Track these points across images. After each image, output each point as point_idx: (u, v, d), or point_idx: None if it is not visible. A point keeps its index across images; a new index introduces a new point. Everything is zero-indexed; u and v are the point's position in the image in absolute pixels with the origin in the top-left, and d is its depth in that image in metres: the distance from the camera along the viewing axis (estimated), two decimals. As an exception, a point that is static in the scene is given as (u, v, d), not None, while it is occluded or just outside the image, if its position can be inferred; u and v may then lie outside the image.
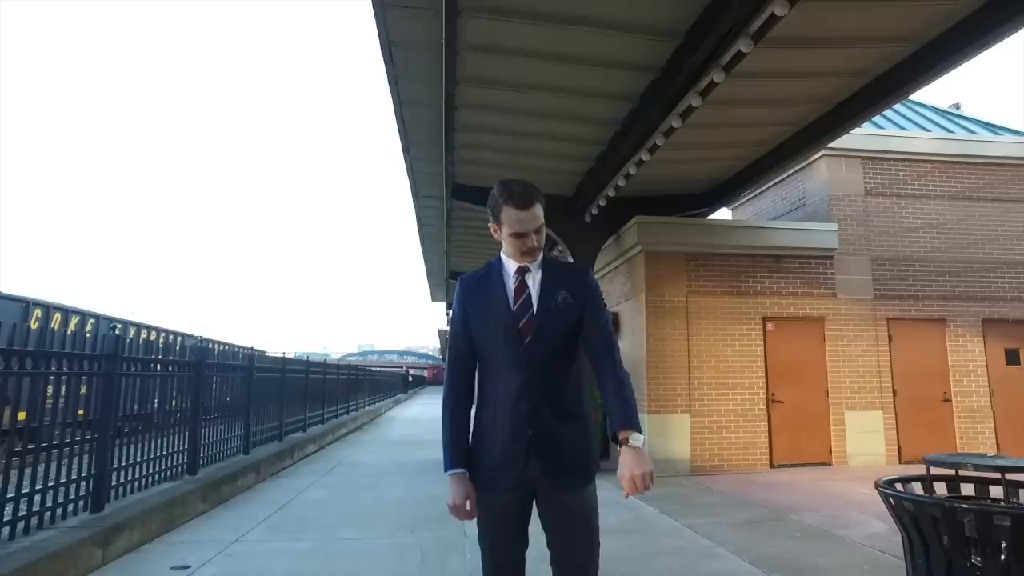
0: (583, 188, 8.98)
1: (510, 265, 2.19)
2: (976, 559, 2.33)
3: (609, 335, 2.19)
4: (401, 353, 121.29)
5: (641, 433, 2.02)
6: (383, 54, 6.03)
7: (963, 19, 5.09)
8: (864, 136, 9.83)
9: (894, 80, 5.94)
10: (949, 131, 10.81)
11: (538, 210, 2.14)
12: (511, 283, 2.17)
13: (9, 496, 3.88)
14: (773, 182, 10.57)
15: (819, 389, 9.24)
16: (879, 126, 10.51)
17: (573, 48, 5.56)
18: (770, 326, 9.14)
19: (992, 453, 7.57)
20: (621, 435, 2.00)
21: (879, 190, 9.94)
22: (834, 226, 9.53)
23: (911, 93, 6.90)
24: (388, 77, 6.49)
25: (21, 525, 3.98)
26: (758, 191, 11.19)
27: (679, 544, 5.02)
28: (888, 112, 10.65)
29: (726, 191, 9.09)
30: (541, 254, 2.19)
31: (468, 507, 2.10)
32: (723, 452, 8.69)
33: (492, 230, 2.22)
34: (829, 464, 9.04)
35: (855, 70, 5.94)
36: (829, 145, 8.52)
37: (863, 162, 9.95)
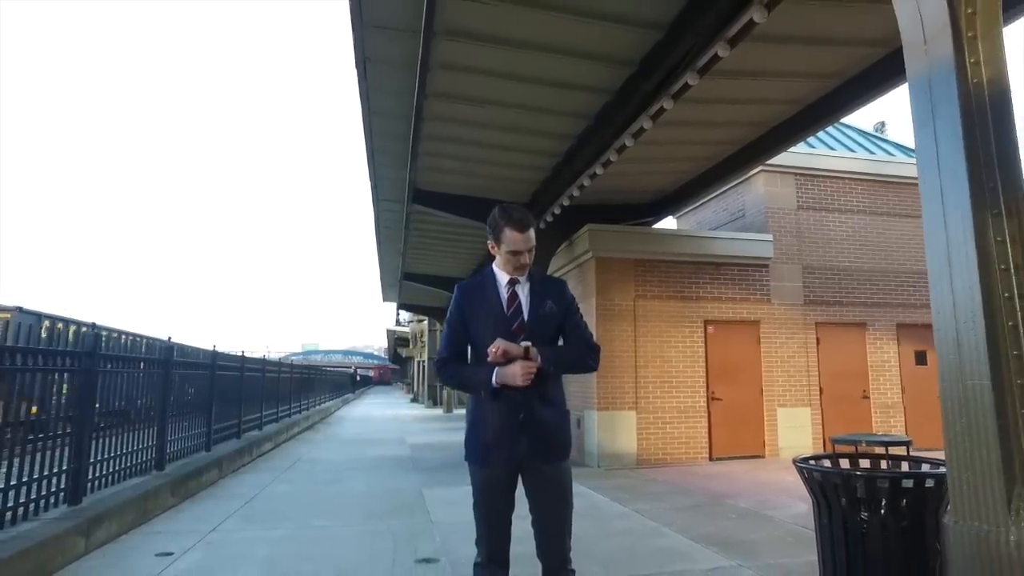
0: (538, 196, 9.45)
1: (502, 277, 2.65)
2: (864, 515, 2.92)
3: (588, 336, 2.71)
4: (346, 353, 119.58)
5: (540, 357, 2.48)
6: (357, 69, 6.33)
7: (881, 59, 5.81)
8: (798, 154, 10.67)
9: (823, 108, 6.66)
10: (872, 152, 11.82)
11: (532, 234, 2.62)
12: (504, 292, 2.63)
13: None
14: (715, 194, 11.31)
15: (754, 387, 10.00)
16: (811, 145, 11.40)
17: (535, 70, 6.01)
18: (710, 329, 9.85)
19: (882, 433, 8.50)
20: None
21: (810, 204, 10.81)
22: (769, 237, 10.33)
23: (838, 120, 7.70)
24: (360, 90, 6.79)
25: (8, 516, 4.15)
26: (701, 203, 11.93)
27: (628, 526, 5.55)
28: (820, 133, 11.56)
29: (672, 202, 9.75)
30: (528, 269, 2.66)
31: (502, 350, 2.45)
32: (667, 446, 9.33)
33: (490, 247, 2.67)
34: (763, 456, 9.79)
35: (789, 99, 6.63)
36: (766, 162, 9.29)
37: (796, 178, 10.81)
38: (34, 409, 4.83)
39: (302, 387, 18.81)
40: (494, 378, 2.47)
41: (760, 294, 10.21)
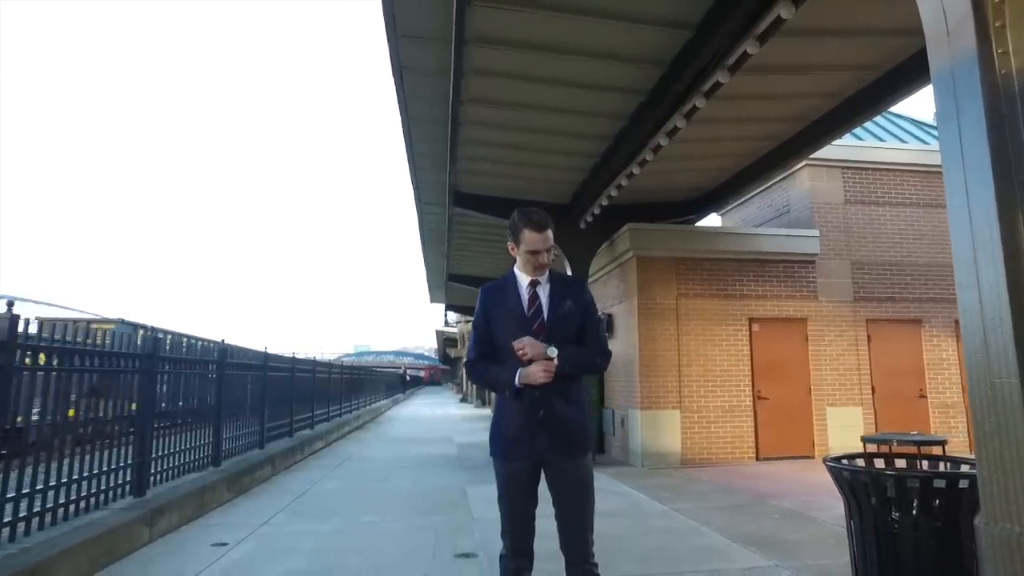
0: (578, 197, 9.50)
1: (523, 279, 2.75)
2: (895, 515, 2.89)
3: (602, 340, 2.83)
4: (397, 353, 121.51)
5: (557, 356, 2.56)
6: (394, 77, 6.54)
7: (921, 49, 5.64)
8: (844, 147, 10.38)
9: (864, 101, 6.50)
10: (925, 142, 11.39)
11: (550, 233, 2.72)
12: (525, 293, 2.73)
13: (73, 479, 4.38)
14: (758, 190, 11.12)
15: (802, 386, 9.79)
16: (859, 137, 11.08)
17: (567, 73, 6.08)
18: (755, 327, 9.69)
19: (916, 432, 8.17)
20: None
21: (858, 198, 10.50)
22: (816, 232, 10.09)
23: (881, 112, 7.49)
24: (398, 98, 7.00)
25: (83, 504, 4.49)
26: (744, 199, 11.74)
27: (667, 525, 5.56)
28: (868, 124, 11.21)
29: (713, 199, 9.65)
30: (548, 270, 2.76)
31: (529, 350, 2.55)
32: (711, 446, 9.24)
33: (510, 248, 2.78)
34: (812, 456, 9.58)
35: (826, 93, 6.51)
36: (810, 156, 9.09)
37: (843, 172, 10.52)
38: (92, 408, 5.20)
39: (352, 387, 19.32)
40: (517, 378, 2.57)
41: (807, 291, 9.98)
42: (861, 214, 10.47)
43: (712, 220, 11.93)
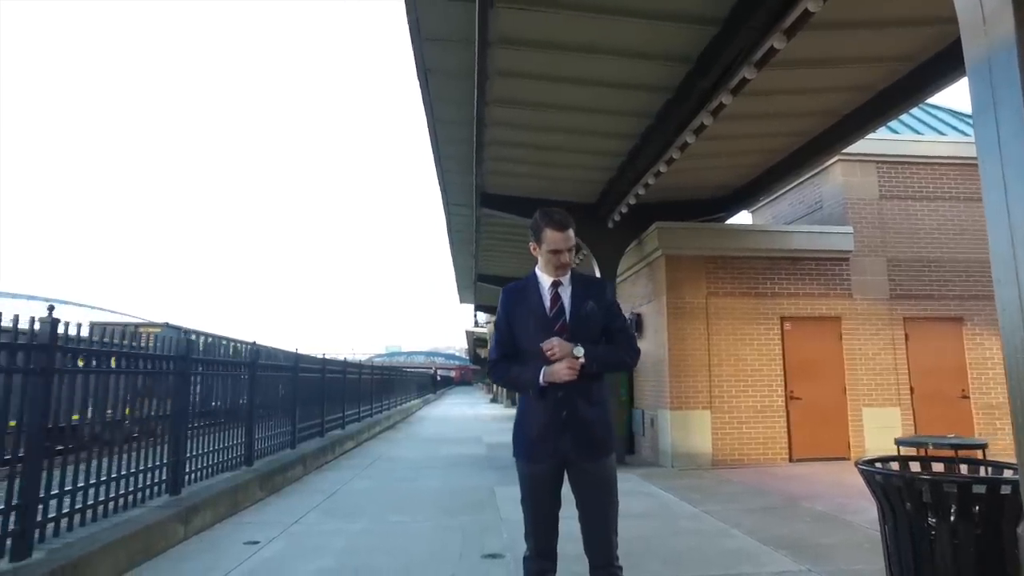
0: (605, 196, 9.45)
1: (545, 279, 2.74)
2: (931, 520, 2.80)
3: (630, 336, 2.81)
4: (428, 354, 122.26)
5: (584, 354, 2.55)
6: (419, 79, 6.59)
7: (957, 39, 5.47)
8: (878, 141, 10.11)
9: (898, 94, 6.33)
10: (965, 134, 11.03)
11: (571, 233, 2.71)
12: (547, 294, 2.72)
13: (112, 477, 4.51)
14: (790, 187, 10.91)
15: (837, 386, 9.57)
16: (894, 131, 10.78)
17: (592, 72, 6.05)
18: (787, 326, 9.51)
19: (953, 435, 7.84)
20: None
21: (894, 193, 10.23)
22: (849, 229, 9.86)
23: (916, 105, 7.28)
24: (423, 100, 7.05)
25: (120, 502, 4.62)
26: (775, 196, 11.53)
27: (697, 526, 5.49)
28: (903, 116, 10.91)
29: (743, 197, 9.50)
30: (570, 269, 2.75)
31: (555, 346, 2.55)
32: (743, 447, 9.09)
33: (531, 248, 2.78)
34: (847, 458, 9.36)
35: (858, 86, 6.35)
36: (843, 151, 8.89)
37: (878, 166, 10.25)
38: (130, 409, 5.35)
39: (383, 388, 19.51)
40: (541, 377, 2.56)
41: (841, 289, 9.76)
42: (897, 209, 10.19)
43: (742, 218, 11.76)
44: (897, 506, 2.94)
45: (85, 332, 4.40)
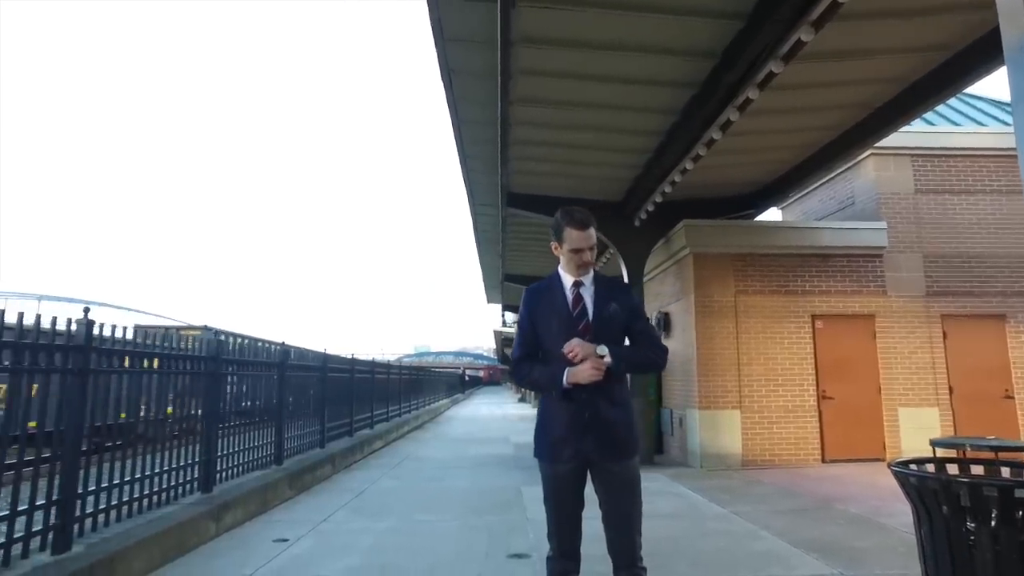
0: (631, 194, 9.37)
1: (567, 280, 2.73)
2: (971, 525, 2.70)
3: (655, 337, 2.79)
4: (457, 354, 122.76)
5: (608, 355, 2.53)
6: (443, 80, 6.62)
7: (996, 27, 5.29)
8: (913, 134, 9.84)
9: (932, 84, 6.15)
10: (1006, 123, 10.66)
11: (592, 232, 2.69)
12: (569, 294, 2.70)
13: (146, 475, 4.63)
14: (820, 182, 10.68)
15: (871, 385, 9.34)
16: (930, 123, 10.48)
17: (617, 69, 6.01)
18: (819, 324, 9.32)
19: (993, 437, 7.55)
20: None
21: (930, 187, 9.94)
22: (883, 224, 9.61)
23: (952, 95, 7.06)
24: (448, 100, 7.08)
25: (154, 499, 4.73)
26: (805, 192, 11.31)
27: (725, 528, 5.41)
28: (940, 107, 10.60)
29: (772, 193, 9.34)
30: (592, 270, 2.73)
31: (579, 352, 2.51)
32: (774, 447, 8.93)
33: (553, 248, 2.77)
34: (883, 459, 9.11)
35: (890, 78, 6.19)
36: (875, 145, 8.67)
37: (913, 159, 9.97)
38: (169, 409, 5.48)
39: (411, 388, 19.67)
40: (565, 377, 2.55)
41: (874, 286, 9.52)
42: (933, 204, 9.90)
43: (772, 214, 11.56)
44: (933, 510, 2.85)
45: (130, 335, 4.55)
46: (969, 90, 10.54)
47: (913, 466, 3.21)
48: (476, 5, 5.14)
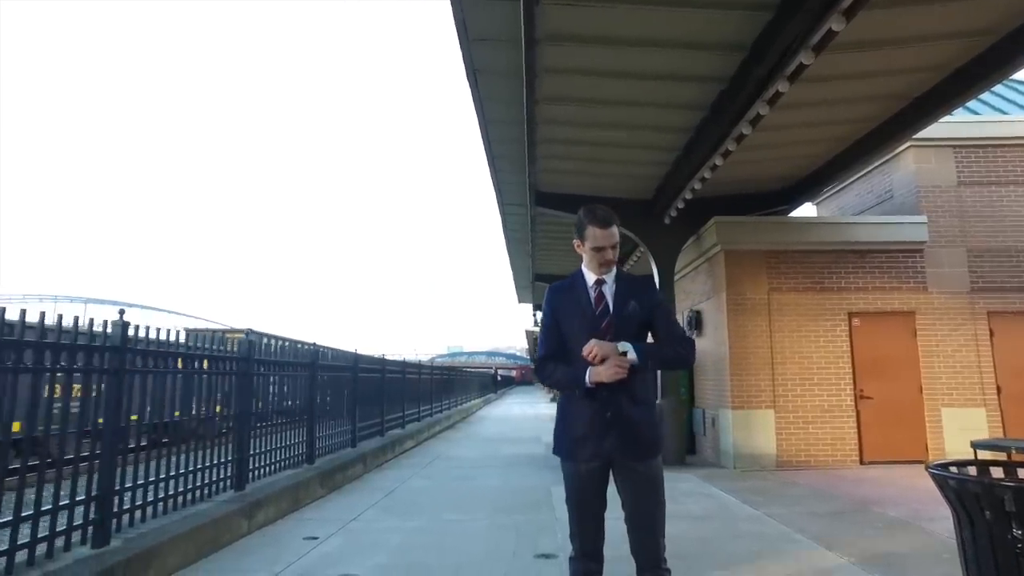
0: (661, 192, 9.26)
1: (590, 277, 2.72)
2: (1017, 532, 2.57)
3: (680, 331, 2.75)
4: (489, 354, 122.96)
5: (633, 352, 2.50)
6: (468, 80, 6.62)
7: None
8: (955, 124, 9.51)
9: (976, 71, 5.92)
10: (1056, 111, 10.23)
11: (615, 230, 2.66)
12: (592, 293, 2.69)
13: (181, 472, 4.74)
14: (857, 176, 10.41)
15: (912, 385, 9.05)
16: (974, 112, 10.12)
17: (643, 65, 5.94)
18: (856, 321, 9.07)
19: None
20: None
21: (974, 178, 9.58)
22: (923, 218, 9.30)
23: (998, 82, 6.79)
24: (474, 100, 7.08)
25: (189, 496, 4.84)
26: (841, 186, 11.03)
27: (757, 530, 5.29)
28: (985, 95, 10.21)
29: (806, 188, 9.13)
30: (615, 268, 2.69)
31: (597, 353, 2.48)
32: (809, 448, 8.73)
33: (576, 246, 2.76)
34: (925, 461, 8.81)
35: (930, 66, 5.98)
36: (914, 136, 8.39)
37: (955, 151, 9.62)
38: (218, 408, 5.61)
39: (443, 388, 19.77)
40: (588, 377, 2.52)
41: (914, 282, 9.22)
42: (977, 196, 9.54)
43: (806, 210, 11.31)
44: (975, 515, 2.74)
45: (182, 337, 4.74)
46: (1018, 76, 10.15)
47: (953, 468, 3.09)
48: (500, 4, 5.13)
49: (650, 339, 2.70)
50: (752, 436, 8.74)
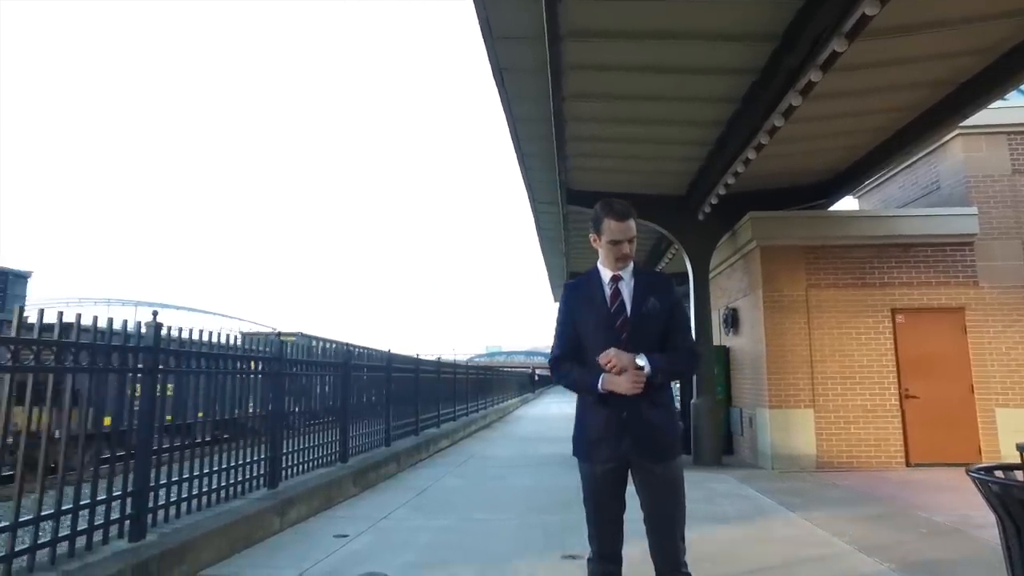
0: (694, 187, 9.10)
1: (606, 274, 2.65)
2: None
3: (691, 343, 2.69)
4: (528, 353, 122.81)
5: (648, 364, 2.44)
6: (495, 78, 6.61)
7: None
8: (1009, 109, 9.07)
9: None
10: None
11: (632, 223, 2.60)
12: (607, 289, 2.62)
13: (215, 470, 4.85)
14: (900, 167, 10.03)
15: (962, 383, 8.67)
16: (1028, 96, 9.63)
17: (671, 59, 5.83)
18: (900, 318, 8.74)
19: None
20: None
21: (1030, 166, 9.12)
22: (973, 209, 8.90)
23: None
24: (501, 98, 7.07)
25: (223, 494, 4.95)
26: (883, 178, 10.64)
27: (791, 533, 5.14)
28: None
29: (844, 181, 8.85)
30: (632, 263, 2.63)
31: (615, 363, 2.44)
32: (851, 449, 8.44)
33: (592, 240, 2.70)
34: (978, 463, 8.44)
35: (978, 48, 5.72)
36: (962, 124, 8.04)
37: (1009, 137, 9.19)
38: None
39: (479, 387, 19.83)
40: (600, 383, 2.47)
41: (964, 276, 8.83)
42: (1034, 185, 9.08)
43: (847, 203, 10.95)
44: (1020, 521, 2.60)
45: (239, 341, 4.93)
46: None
47: (998, 472, 2.94)
48: (524, 1, 5.11)
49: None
50: (791, 436, 8.51)
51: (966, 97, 6.43)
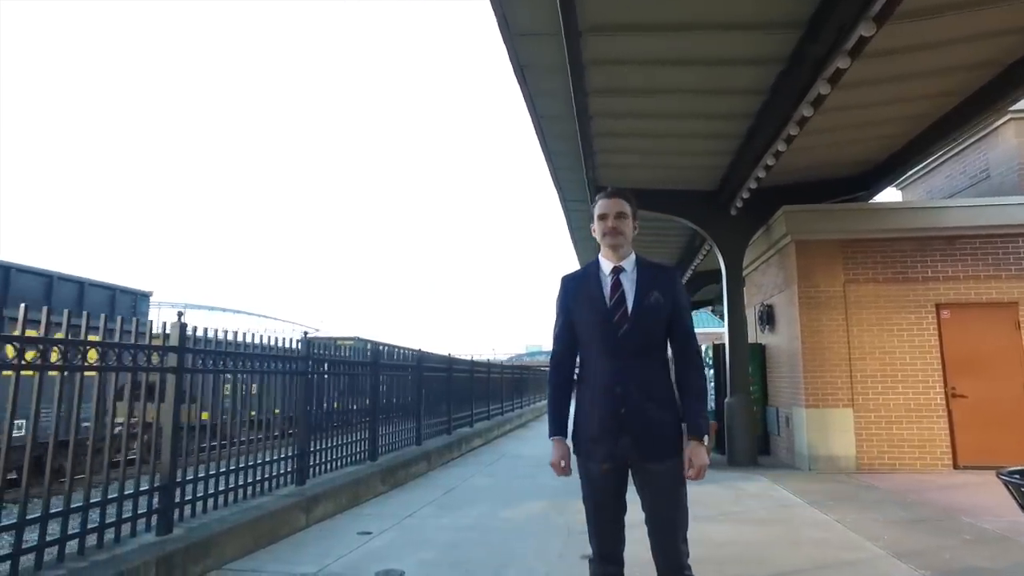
0: (726, 182, 8.90)
1: (606, 266, 2.58)
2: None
3: (696, 346, 2.58)
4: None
5: (705, 435, 2.42)
6: (516, 76, 6.59)
7: None
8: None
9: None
10: None
11: (622, 204, 2.57)
12: (607, 281, 2.54)
13: (242, 467, 4.95)
14: (948, 155, 9.61)
15: (1014, 382, 8.25)
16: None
17: (696, 51, 5.70)
18: (945, 313, 8.36)
19: None
20: (691, 438, 2.41)
21: (1087, 153, 8.63)
22: (1026, 199, 8.46)
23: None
24: (524, 96, 7.04)
25: (251, 490, 5.05)
26: (928, 168, 10.21)
27: (822, 536, 4.96)
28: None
29: (883, 172, 8.50)
30: (632, 252, 2.56)
31: (563, 465, 2.55)
32: (893, 450, 8.12)
33: (592, 231, 2.65)
34: (1030, 466, 8.03)
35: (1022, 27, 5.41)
36: (1012, 108, 7.66)
37: (1064, 122, 8.71)
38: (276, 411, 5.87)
39: (515, 386, 19.81)
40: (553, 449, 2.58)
41: (1015, 269, 8.38)
42: (1092, 172, 8.59)
43: (890, 195, 10.55)
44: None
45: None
46: None
47: (1027, 475, 2.78)
48: (541, -3, 5.07)
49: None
50: (829, 437, 8.23)
51: (1017, 79, 6.10)
